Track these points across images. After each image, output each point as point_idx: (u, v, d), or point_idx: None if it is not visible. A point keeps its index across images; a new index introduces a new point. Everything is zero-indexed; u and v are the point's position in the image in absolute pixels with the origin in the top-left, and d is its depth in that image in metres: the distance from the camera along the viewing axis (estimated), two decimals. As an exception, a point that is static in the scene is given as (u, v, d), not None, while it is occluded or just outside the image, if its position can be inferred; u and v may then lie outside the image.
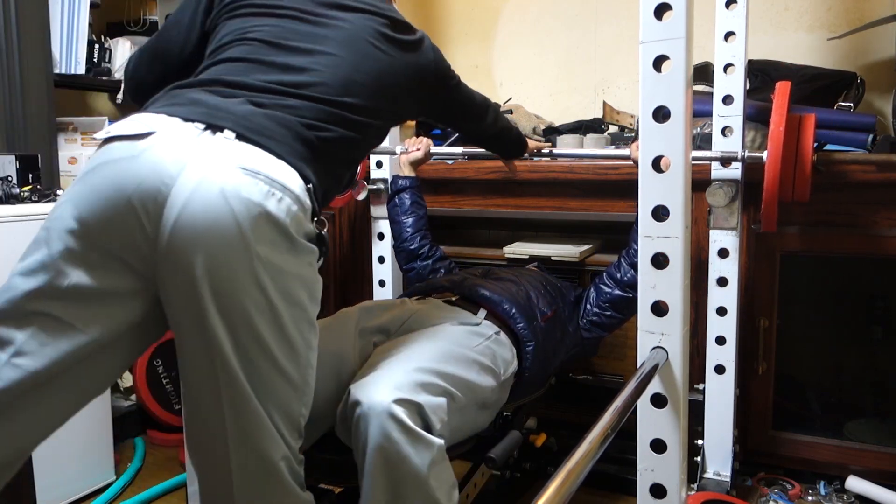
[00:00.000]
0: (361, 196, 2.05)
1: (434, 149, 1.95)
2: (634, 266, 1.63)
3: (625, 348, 1.96)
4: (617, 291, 1.65)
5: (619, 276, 1.65)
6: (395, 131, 2.08)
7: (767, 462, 1.90)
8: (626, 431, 0.92)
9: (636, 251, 1.59)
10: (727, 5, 1.65)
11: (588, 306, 1.68)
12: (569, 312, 1.67)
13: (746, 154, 1.59)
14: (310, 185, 1.01)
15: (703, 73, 1.95)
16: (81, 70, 2.16)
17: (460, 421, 1.21)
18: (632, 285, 1.63)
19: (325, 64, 1.11)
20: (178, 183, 0.91)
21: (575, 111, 2.39)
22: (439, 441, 1.10)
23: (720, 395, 1.75)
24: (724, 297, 1.72)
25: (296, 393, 0.99)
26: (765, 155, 1.51)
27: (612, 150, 1.95)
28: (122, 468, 2.08)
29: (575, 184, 1.98)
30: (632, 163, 1.70)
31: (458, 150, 2.02)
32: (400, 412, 1.06)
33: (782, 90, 1.50)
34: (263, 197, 0.93)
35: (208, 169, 0.93)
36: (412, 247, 1.84)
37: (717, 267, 1.73)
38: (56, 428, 1.01)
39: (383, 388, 1.09)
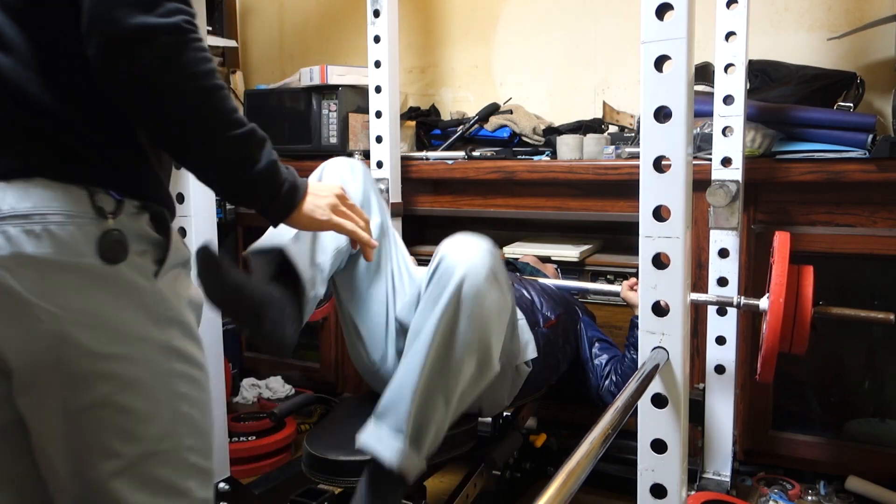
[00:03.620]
0: None
1: None
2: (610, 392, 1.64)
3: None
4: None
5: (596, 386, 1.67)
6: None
7: (767, 462, 1.90)
8: (626, 431, 0.92)
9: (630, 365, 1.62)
10: (728, 5, 1.65)
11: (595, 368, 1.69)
12: (570, 325, 1.67)
13: (742, 301, 1.51)
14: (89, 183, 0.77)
15: (703, 73, 1.95)
16: (81, 70, 2.15)
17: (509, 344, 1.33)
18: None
19: None
20: None
21: (575, 111, 2.39)
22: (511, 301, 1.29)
23: (720, 395, 1.75)
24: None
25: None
26: (762, 303, 1.44)
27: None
28: (122, 468, 2.07)
29: (575, 184, 1.98)
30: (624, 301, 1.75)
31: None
32: (492, 264, 1.18)
33: (783, 242, 1.43)
34: (24, 244, 0.73)
35: None
36: None
37: (717, 267, 1.73)
38: None
39: (479, 247, 1.19)
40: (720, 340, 1.74)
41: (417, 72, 2.68)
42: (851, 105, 1.84)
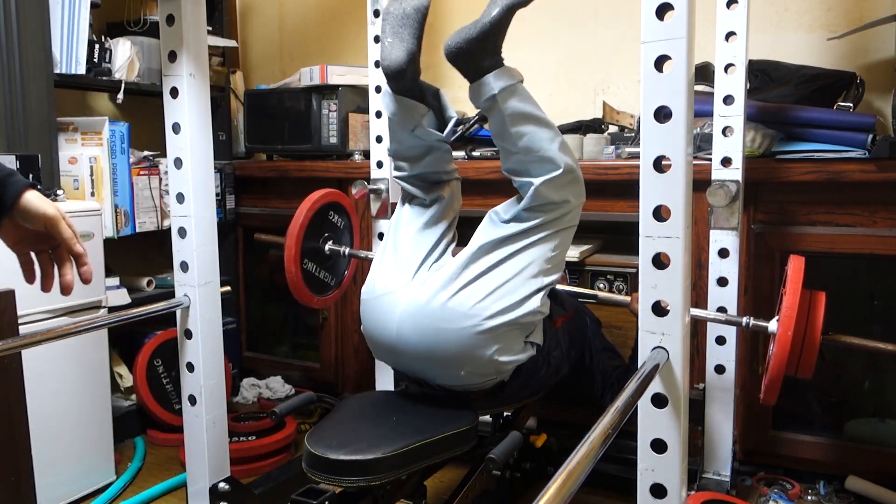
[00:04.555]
0: (356, 191, 2.03)
1: None
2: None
3: (625, 348, 1.96)
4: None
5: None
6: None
7: (767, 462, 1.90)
8: (626, 431, 0.92)
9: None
10: (728, 5, 1.65)
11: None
12: (577, 331, 1.67)
13: (752, 322, 1.47)
14: None
15: (703, 73, 1.95)
16: (82, 70, 2.16)
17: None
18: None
19: None
20: None
21: (575, 111, 2.39)
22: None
23: (720, 395, 1.75)
24: (724, 297, 1.72)
25: None
26: (771, 325, 1.42)
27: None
28: (123, 468, 2.08)
29: (575, 184, 1.97)
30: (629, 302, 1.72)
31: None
32: None
33: (797, 267, 1.41)
34: None
35: None
36: None
37: (717, 267, 1.73)
38: None
39: None
40: (720, 340, 1.74)
41: (417, 72, 2.67)
42: (851, 105, 1.84)
